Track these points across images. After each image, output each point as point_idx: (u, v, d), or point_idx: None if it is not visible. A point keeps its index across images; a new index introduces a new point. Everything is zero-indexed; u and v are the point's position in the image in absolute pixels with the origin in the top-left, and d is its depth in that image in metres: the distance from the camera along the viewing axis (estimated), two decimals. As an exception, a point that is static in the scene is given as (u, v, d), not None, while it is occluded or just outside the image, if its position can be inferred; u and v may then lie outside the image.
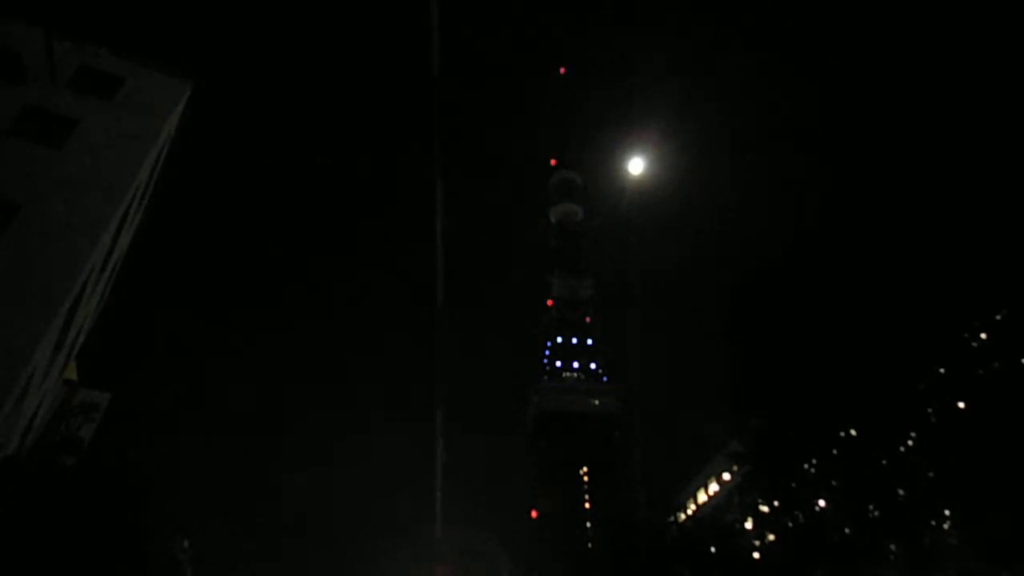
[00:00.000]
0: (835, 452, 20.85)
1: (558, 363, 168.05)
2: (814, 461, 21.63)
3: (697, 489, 58.38)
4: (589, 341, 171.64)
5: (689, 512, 55.57)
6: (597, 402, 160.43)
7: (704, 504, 56.22)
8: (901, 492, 18.90)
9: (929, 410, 18.44)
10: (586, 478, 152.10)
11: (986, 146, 18.53)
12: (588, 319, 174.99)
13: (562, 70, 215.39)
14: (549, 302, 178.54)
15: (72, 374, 31.87)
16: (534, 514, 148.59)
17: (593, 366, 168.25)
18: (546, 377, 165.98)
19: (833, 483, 21.07)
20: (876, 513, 19.61)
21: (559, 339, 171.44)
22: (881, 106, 22.91)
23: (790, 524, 22.70)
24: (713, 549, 32.87)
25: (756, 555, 30.10)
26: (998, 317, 17.46)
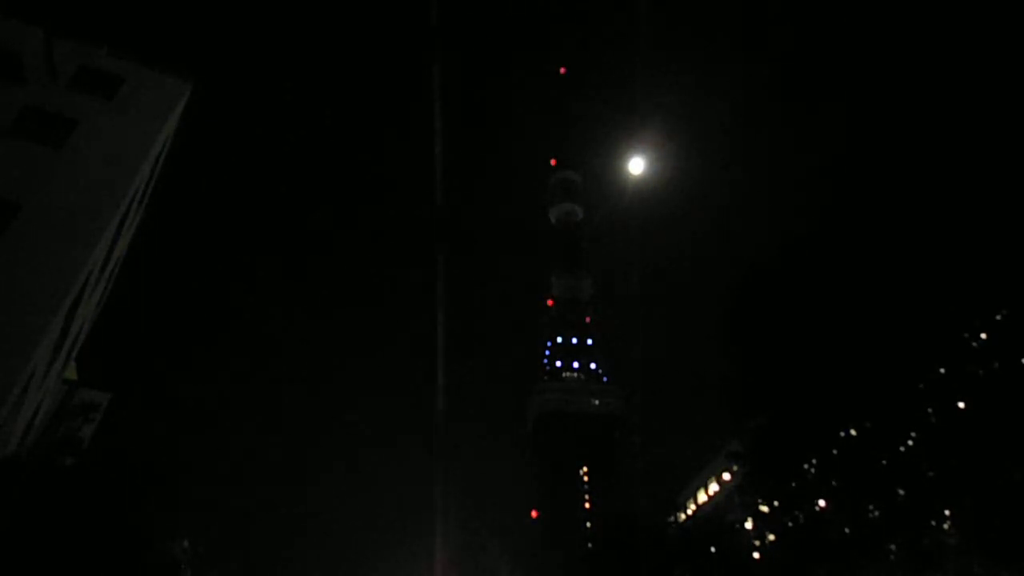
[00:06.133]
0: (835, 452, 20.84)
1: (558, 363, 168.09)
2: (814, 461, 21.62)
3: (697, 489, 58.35)
4: (589, 341, 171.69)
5: (689, 512, 55.54)
6: (597, 402, 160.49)
7: (704, 504, 56.18)
8: (901, 492, 18.88)
9: (929, 410, 18.44)
10: (586, 478, 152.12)
11: (986, 146, 18.52)
12: (588, 319, 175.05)
13: (562, 70, 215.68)
14: (549, 302, 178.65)
15: (72, 374, 31.87)
16: (534, 514, 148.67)
17: (593, 366, 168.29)
18: (546, 377, 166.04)
19: (833, 483, 21.06)
20: (876, 513, 19.60)
21: (559, 339, 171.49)
22: (881, 106, 22.91)
23: (790, 524, 22.69)
24: (713, 549, 32.89)
25: (756, 555, 30.11)
26: (998, 317, 17.45)
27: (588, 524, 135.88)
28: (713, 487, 55.79)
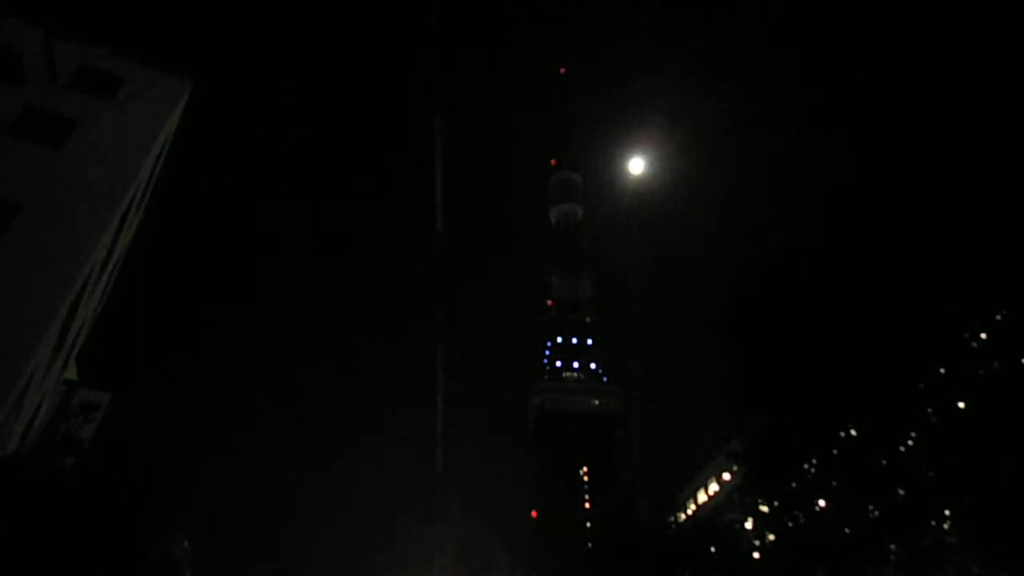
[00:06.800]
0: (835, 452, 20.85)
1: (558, 363, 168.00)
2: (814, 461, 21.62)
3: (697, 489, 58.34)
4: (589, 341, 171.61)
5: (689, 512, 55.55)
6: (597, 402, 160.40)
7: (704, 504, 56.18)
8: (901, 492, 18.89)
9: (929, 410, 18.44)
10: (586, 478, 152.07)
11: (986, 146, 18.52)
12: (588, 319, 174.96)
13: (562, 70, 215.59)
14: (549, 302, 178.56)
15: (72, 374, 31.85)
16: (534, 514, 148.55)
17: (593, 366, 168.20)
18: (546, 377, 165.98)
19: (833, 483, 21.06)
20: (876, 513, 19.60)
21: (559, 339, 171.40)
22: (882, 106, 22.92)
23: (790, 524, 22.70)
24: (713, 549, 32.92)
25: (756, 555, 30.12)
26: (998, 317, 17.45)
27: (588, 524, 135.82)
28: (713, 487, 55.77)
